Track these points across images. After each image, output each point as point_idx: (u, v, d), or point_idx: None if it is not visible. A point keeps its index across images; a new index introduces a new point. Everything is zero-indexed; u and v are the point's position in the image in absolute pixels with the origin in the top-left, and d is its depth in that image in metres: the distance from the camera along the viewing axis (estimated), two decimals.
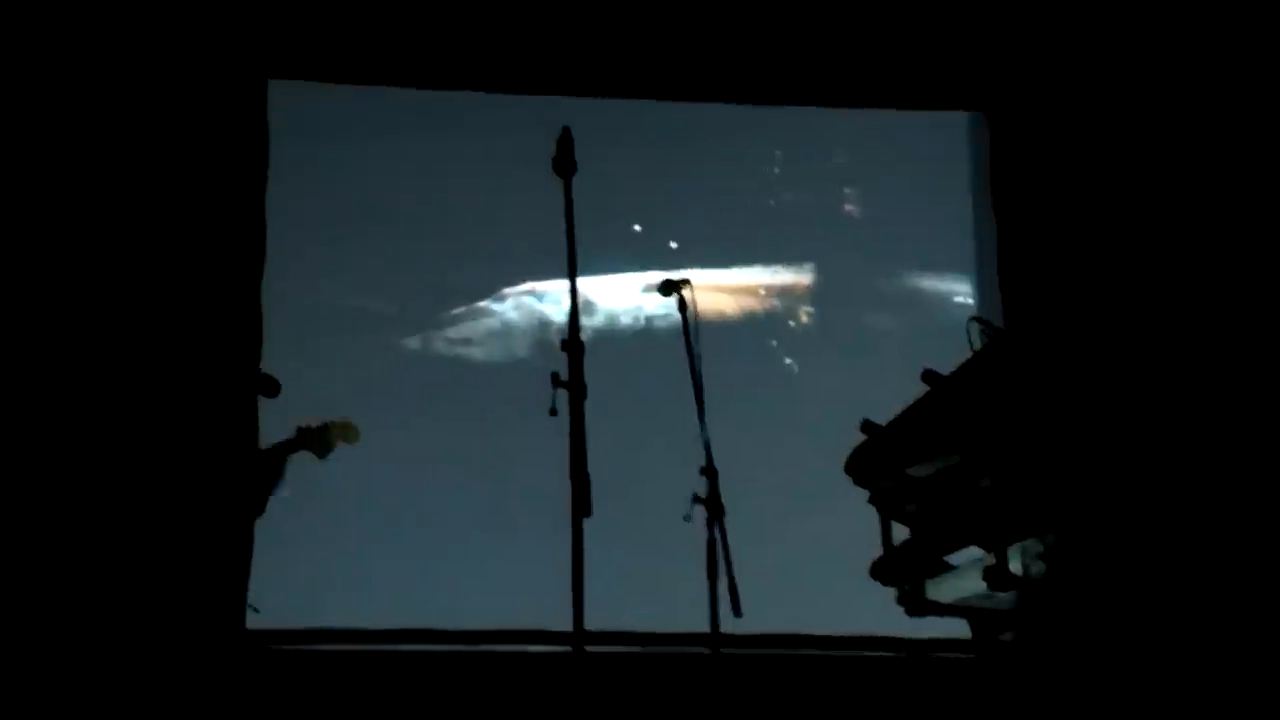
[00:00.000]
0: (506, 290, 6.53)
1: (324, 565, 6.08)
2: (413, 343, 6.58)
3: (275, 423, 5.85)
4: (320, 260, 6.43)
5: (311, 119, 6.44)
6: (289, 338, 6.23)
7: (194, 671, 5.48)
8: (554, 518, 4.21)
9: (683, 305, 5.10)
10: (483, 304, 6.54)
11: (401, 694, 5.83)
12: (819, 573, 6.03)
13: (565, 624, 4.11)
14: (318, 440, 5.58)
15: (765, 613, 5.01)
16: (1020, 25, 6.43)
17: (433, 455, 6.32)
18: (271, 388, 5.67)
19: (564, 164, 4.48)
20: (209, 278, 5.90)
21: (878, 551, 4.99)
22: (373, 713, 5.77)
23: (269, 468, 5.60)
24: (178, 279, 5.87)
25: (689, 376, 5.01)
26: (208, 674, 5.50)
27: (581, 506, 4.14)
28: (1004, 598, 4.76)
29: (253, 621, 5.83)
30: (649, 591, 5.89)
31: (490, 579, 6.11)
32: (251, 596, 5.80)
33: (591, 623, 4.11)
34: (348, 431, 5.59)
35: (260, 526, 5.85)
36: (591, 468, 4.17)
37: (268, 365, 6.04)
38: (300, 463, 5.64)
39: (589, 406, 4.25)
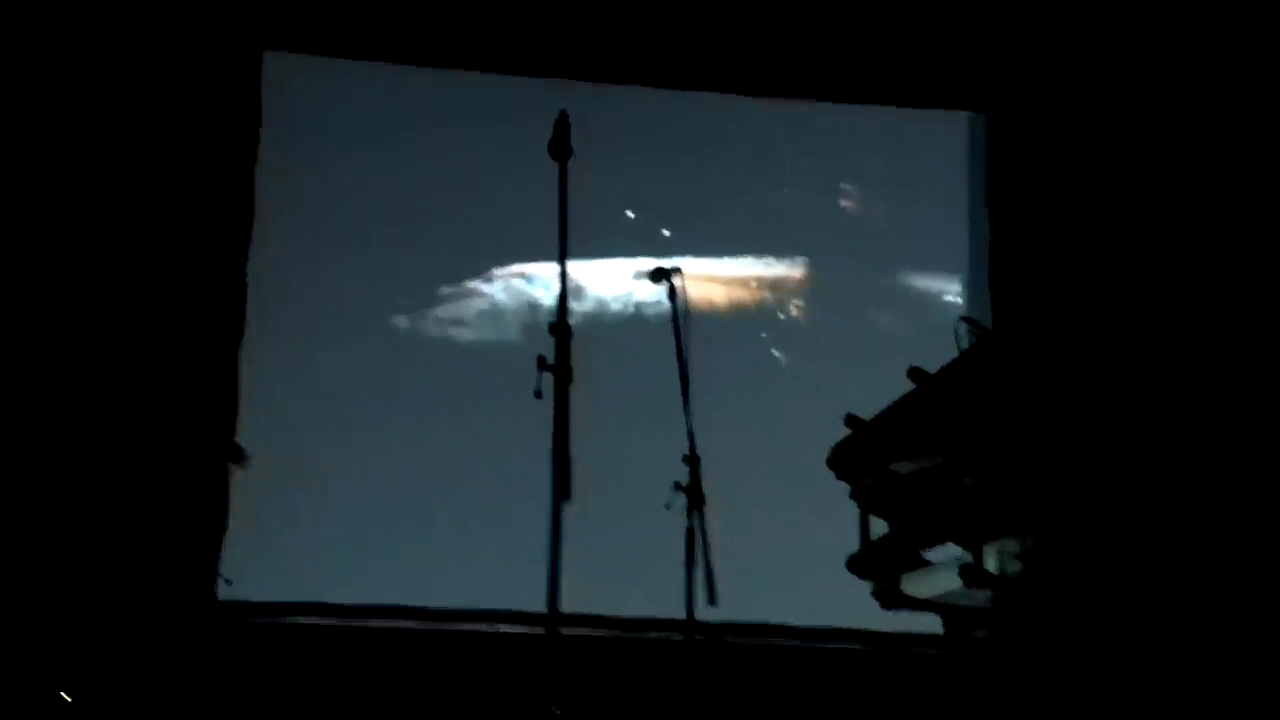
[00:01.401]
0: (496, 271, 6.51)
1: (304, 541, 6.07)
2: (402, 322, 6.56)
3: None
4: (309, 238, 6.41)
5: (302, 97, 6.41)
6: (277, 315, 6.23)
7: (165, 641, 5.49)
8: (535, 500, 4.20)
9: (672, 293, 5.10)
10: (472, 284, 6.51)
11: (374, 669, 5.84)
12: (796, 564, 6.03)
13: (541, 606, 4.10)
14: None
15: (741, 602, 5.01)
16: (1021, 29, 6.44)
17: (417, 434, 6.30)
18: (238, 456, 5.81)
19: (560, 148, 4.46)
20: (196, 250, 5.90)
21: (855, 545, 4.98)
22: (345, 687, 5.79)
23: None
24: (164, 252, 5.87)
25: (676, 364, 5.01)
26: (179, 644, 5.51)
27: (562, 490, 4.13)
28: (979, 595, 4.75)
29: (226, 594, 5.84)
30: (626, 577, 5.88)
31: (470, 559, 6.10)
32: (227, 570, 5.82)
33: (568, 606, 4.11)
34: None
35: (240, 502, 5.89)
36: (575, 452, 4.16)
37: (257, 345, 6.07)
38: None
39: (575, 391, 4.24)
